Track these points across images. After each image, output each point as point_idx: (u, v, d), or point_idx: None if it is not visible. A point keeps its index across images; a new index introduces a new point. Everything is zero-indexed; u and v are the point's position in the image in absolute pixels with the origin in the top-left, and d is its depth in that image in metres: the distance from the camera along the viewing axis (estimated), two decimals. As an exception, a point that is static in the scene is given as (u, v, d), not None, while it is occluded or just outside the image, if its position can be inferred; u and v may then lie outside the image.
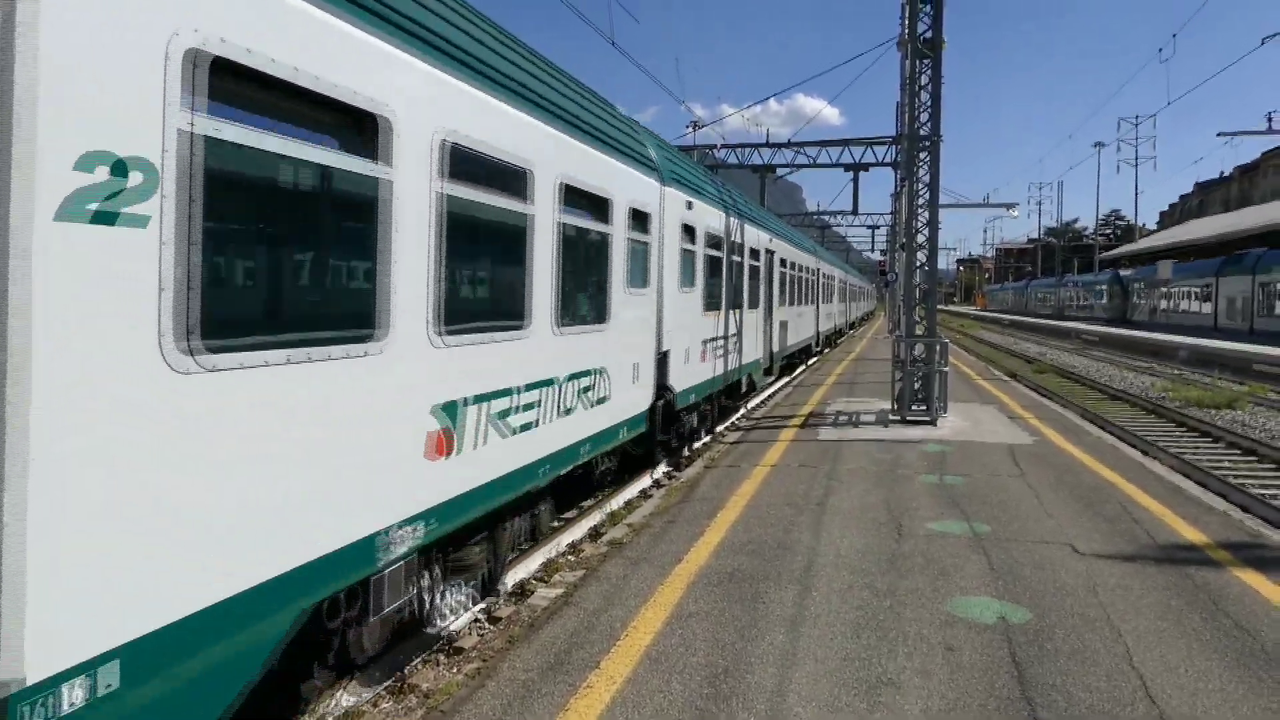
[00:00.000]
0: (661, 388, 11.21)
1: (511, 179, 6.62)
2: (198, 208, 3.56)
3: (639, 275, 10.12)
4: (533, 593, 7.26)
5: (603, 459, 10.29)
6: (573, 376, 7.93)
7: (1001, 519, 8.91)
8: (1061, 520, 8.84)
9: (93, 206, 3.11)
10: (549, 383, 7.40)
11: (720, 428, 16.91)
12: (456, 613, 6.88)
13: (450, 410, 5.73)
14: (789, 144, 36.89)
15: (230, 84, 3.77)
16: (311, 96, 4.25)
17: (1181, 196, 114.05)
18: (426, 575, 6.27)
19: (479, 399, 6.12)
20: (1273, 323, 43.09)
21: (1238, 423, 19.11)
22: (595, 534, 9.58)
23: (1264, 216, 54.68)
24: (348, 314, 4.78)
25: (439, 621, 6.66)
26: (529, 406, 6.98)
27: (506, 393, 6.56)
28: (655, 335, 10.92)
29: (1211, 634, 5.92)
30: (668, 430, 11.89)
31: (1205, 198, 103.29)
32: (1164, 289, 59.54)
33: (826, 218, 71.02)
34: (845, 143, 35.77)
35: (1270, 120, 51.08)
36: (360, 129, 4.71)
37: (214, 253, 3.75)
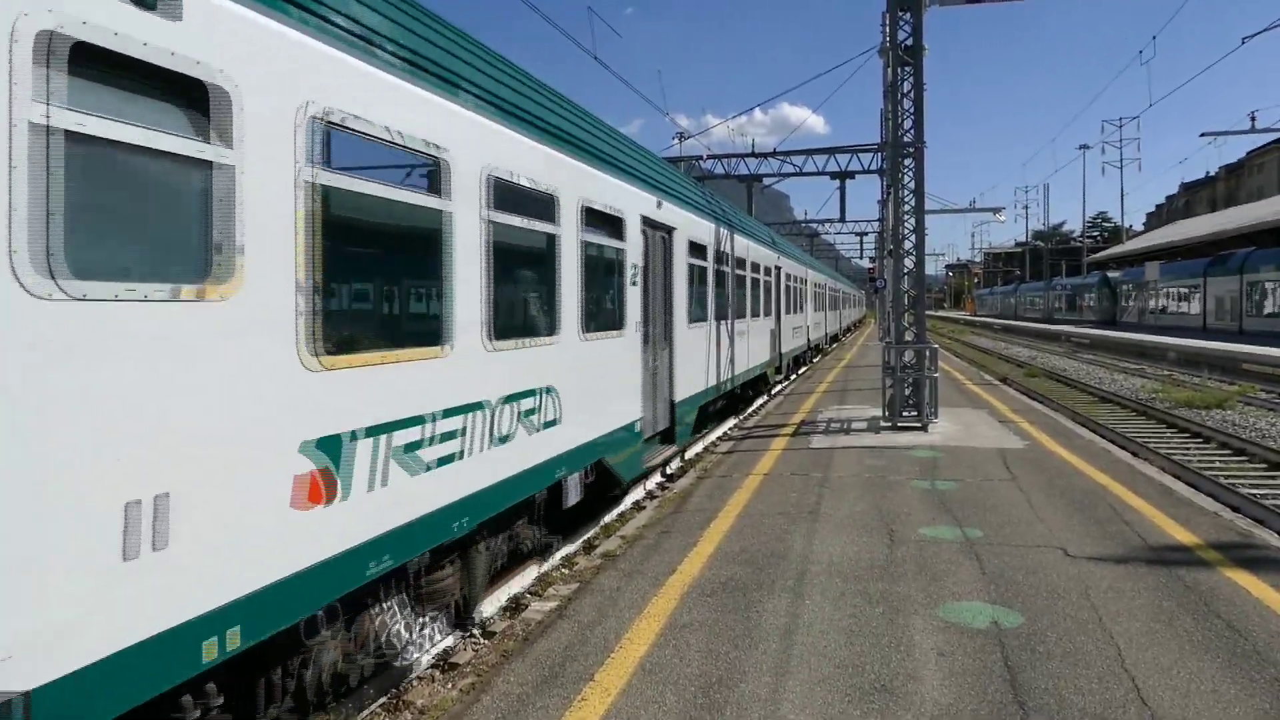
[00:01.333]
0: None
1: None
2: None
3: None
4: (526, 606, 7.26)
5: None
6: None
7: (993, 523, 8.93)
8: (1053, 524, 8.87)
9: None
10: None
11: (713, 437, 16.94)
12: None
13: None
14: (775, 153, 37.10)
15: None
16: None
17: (1168, 197, 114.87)
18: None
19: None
20: (1261, 322, 43.33)
21: (1228, 423, 19.20)
22: (589, 546, 9.59)
23: (1250, 216, 55.05)
24: None
25: None
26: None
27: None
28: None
29: (1203, 635, 5.95)
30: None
31: (1191, 198, 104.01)
32: (1152, 290, 59.82)
33: (814, 226, 71.31)
34: (831, 151, 36.00)
35: (1253, 119, 51.43)
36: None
37: None
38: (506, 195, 6.99)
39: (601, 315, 9.43)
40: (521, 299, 7.65)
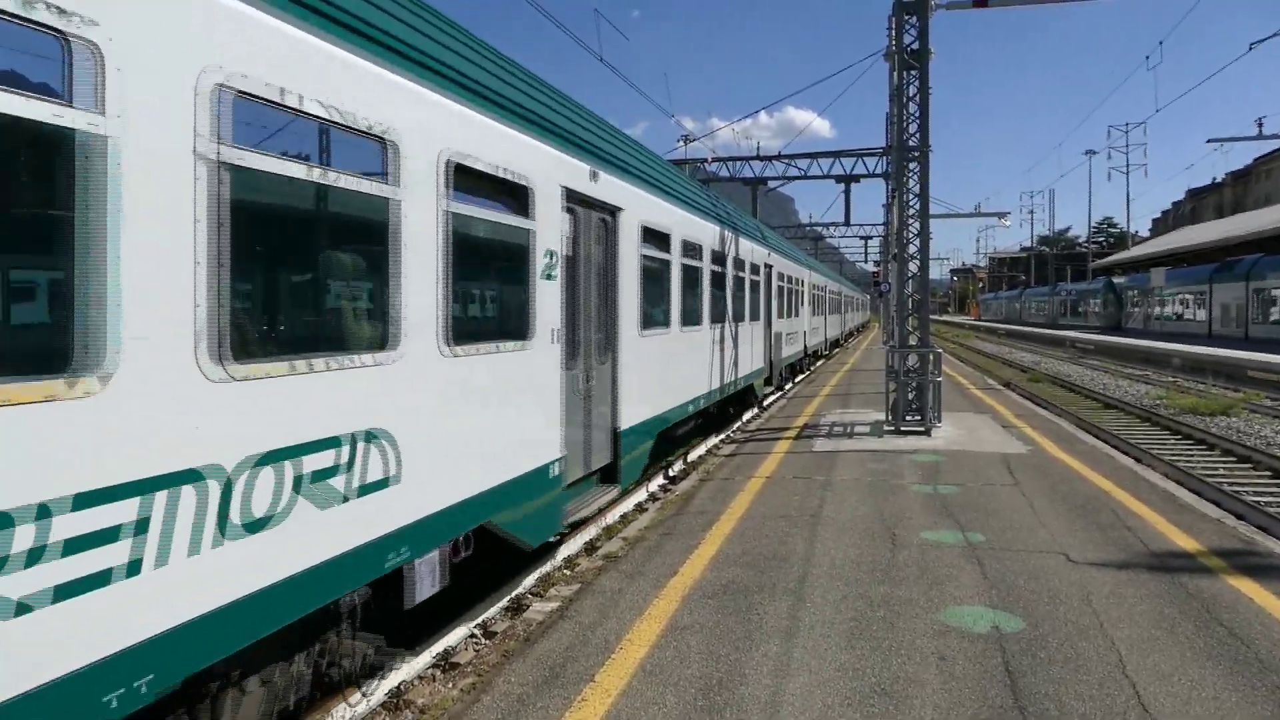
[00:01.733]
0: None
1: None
2: None
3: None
4: (528, 607, 7.27)
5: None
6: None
7: (995, 528, 8.93)
8: (1055, 529, 8.86)
9: None
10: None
11: (715, 440, 16.93)
12: None
13: None
14: (780, 156, 37.09)
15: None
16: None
17: (1174, 203, 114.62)
18: None
19: None
20: (1267, 329, 43.21)
21: (1233, 430, 19.16)
22: (591, 548, 9.59)
23: (1257, 222, 54.90)
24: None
25: None
26: None
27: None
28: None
29: (1205, 642, 5.94)
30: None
31: (1198, 204, 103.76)
32: (1158, 296, 59.69)
33: (819, 229, 71.32)
34: (836, 154, 35.98)
35: (1260, 126, 51.47)
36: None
37: None
38: (250, 113, 4.26)
39: (488, 321, 6.99)
40: (308, 292, 5.07)
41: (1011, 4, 16.70)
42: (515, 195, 7.11)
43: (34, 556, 3.16)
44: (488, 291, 7.03)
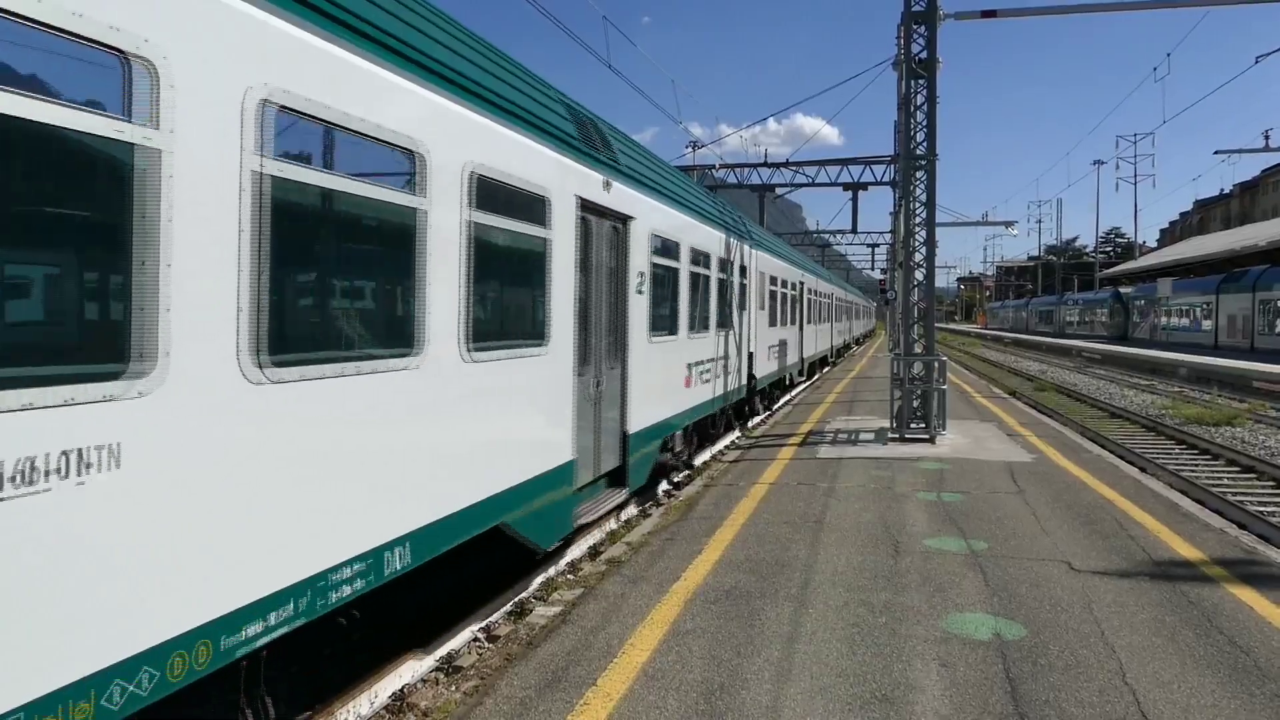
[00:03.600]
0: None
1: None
2: None
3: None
4: (531, 611, 7.30)
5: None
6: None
7: (998, 536, 8.94)
8: (1058, 537, 8.88)
9: None
10: None
11: (720, 445, 16.96)
12: None
13: None
14: (788, 163, 37.15)
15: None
16: None
17: (1182, 214, 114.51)
18: None
19: None
20: (1273, 340, 43.12)
21: (1237, 440, 19.14)
22: (594, 552, 9.63)
23: (1264, 234, 54.82)
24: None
25: None
26: None
27: None
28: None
29: (1205, 650, 5.95)
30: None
31: (1205, 215, 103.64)
32: (1164, 307, 59.59)
33: (826, 236, 71.34)
34: (844, 162, 36.04)
35: (1268, 138, 51.42)
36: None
37: None
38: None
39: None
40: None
41: (1019, 15, 16.76)
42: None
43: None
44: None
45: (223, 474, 3.98)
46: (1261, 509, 12.56)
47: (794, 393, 27.32)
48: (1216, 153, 54.03)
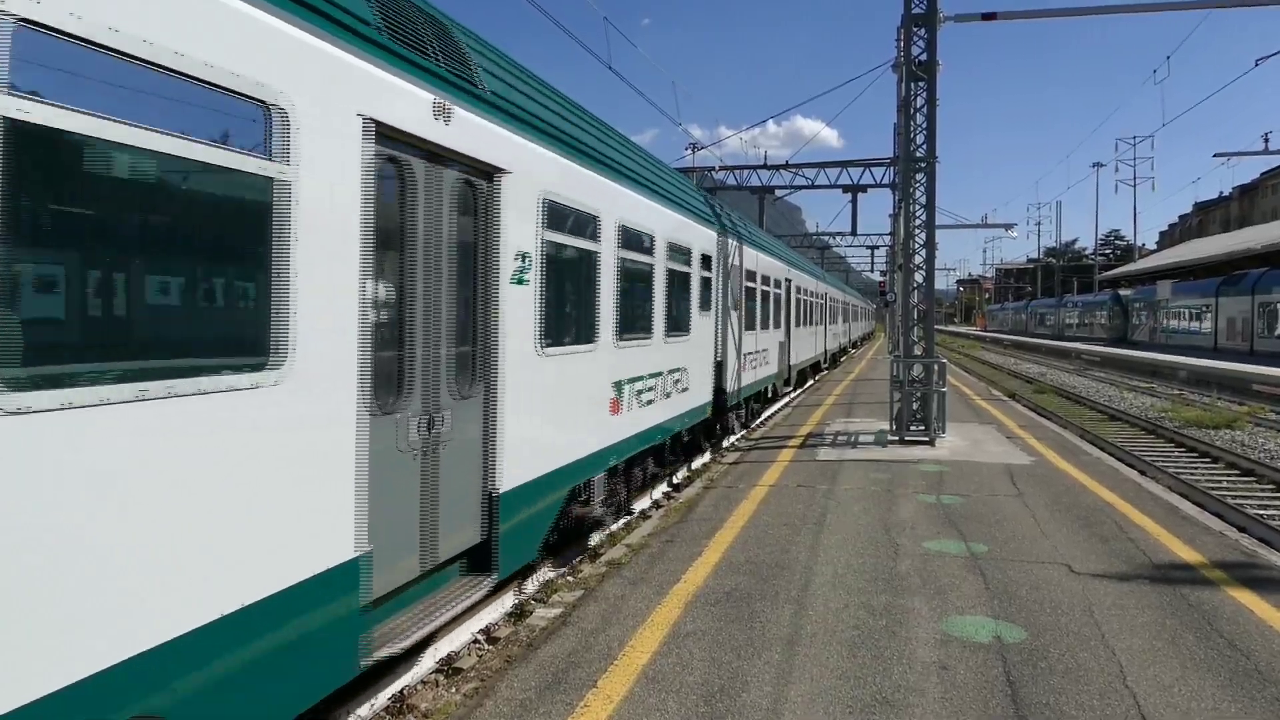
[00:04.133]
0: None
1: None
2: None
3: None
4: (531, 613, 7.30)
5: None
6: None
7: (998, 539, 8.94)
8: (1058, 540, 8.88)
9: None
10: None
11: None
12: None
13: None
14: (787, 165, 37.15)
15: None
16: None
17: (1181, 216, 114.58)
18: None
19: None
20: (1273, 343, 43.11)
21: (1236, 443, 19.15)
22: (594, 554, 9.63)
23: (1264, 236, 54.85)
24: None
25: None
26: None
27: None
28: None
29: (1205, 653, 5.96)
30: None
31: (1204, 217, 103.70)
32: (1164, 309, 59.61)
33: (826, 238, 71.37)
34: (843, 164, 36.05)
35: (1267, 141, 51.47)
36: None
37: None
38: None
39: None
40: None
41: (1019, 17, 16.77)
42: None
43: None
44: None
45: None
46: (1262, 512, 12.57)
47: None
48: (1216, 155, 54.19)
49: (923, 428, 15.85)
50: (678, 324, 12.37)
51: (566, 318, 8.33)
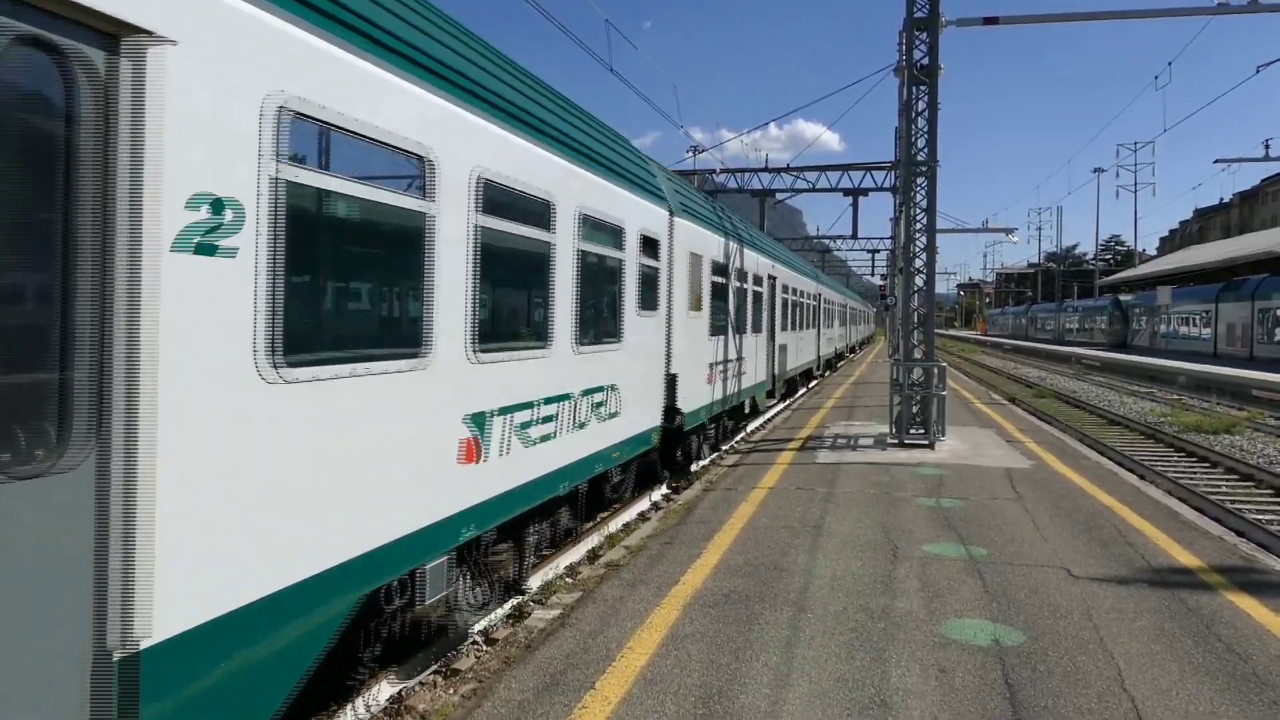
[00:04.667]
0: None
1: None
2: None
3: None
4: (530, 614, 7.29)
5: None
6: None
7: (997, 542, 8.94)
8: (1057, 544, 8.88)
9: None
10: None
11: (720, 450, 16.93)
12: None
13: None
14: (788, 169, 37.18)
15: None
16: None
17: (1181, 222, 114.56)
18: None
19: None
20: (1272, 349, 43.12)
21: (1236, 448, 19.14)
22: (593, 556, 9.62)
23: (1264, 243, 54.86)
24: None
25: None
26: None
27: None
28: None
29: (1204, 657, 5.96)
30: None
31: (1205, 224, 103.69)
32: (1164, 314, 59.62)
33: (827, 242, 71.39)
34: (845, 168, 36.09)
35: (1268, 147, 51.36)
36: None
37: None
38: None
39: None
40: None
41: (1020, 22, 16.80)
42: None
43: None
44: None
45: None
46: (1260, 517, 12.56)
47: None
48: (1216, 161, 54.20)
49: (922, 431, 15.85)
50: (601, 328, 9.10)
51: (345, 316, 5.22)
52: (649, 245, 10.67)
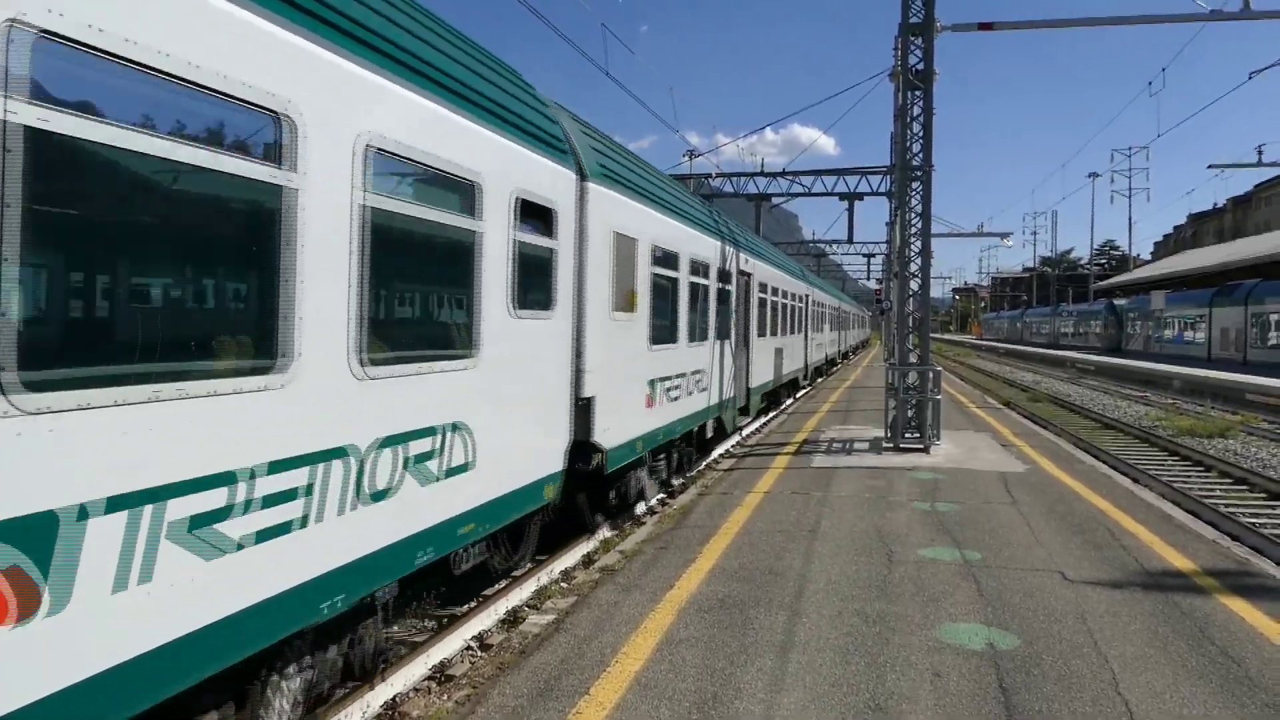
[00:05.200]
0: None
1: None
2: None
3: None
4: (524, 619, 7.28)
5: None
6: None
7: (992, 546, 8.95)
8: (1052, 548, 8.88)
9: None
10: None
11: (715, 454, 16.94)
12: None
13: None
14: (784, 173, 37.23)
15: None
16: None
17: (1175, 227, 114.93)
18: None
19: None
20: (1266, 353, 43.26)
21: (1230, 452, 19.18)
22: (588, 560, 9.61)
23: (1257, 248, 55.11)
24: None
25: None
26: None
27: None
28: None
29: (1197, 661, 5.96)
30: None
31: (1199, 228, 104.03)
32: (1158, 319, 59.79)
33: (822, 246, 71.46)
34: (840, 172, 36.16)
35: (1260, 153, 51.60)
36: None
37: None
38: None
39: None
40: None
41: (1015, 28, 16.85)
42: None
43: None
44: None
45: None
46: (1254, 520, 12.58)
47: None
48: (1210, 167, 54.43)
49: (918, 435, 15.87)
50: (426, 335, 6.32)
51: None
52: (538, 215, 7.69)
